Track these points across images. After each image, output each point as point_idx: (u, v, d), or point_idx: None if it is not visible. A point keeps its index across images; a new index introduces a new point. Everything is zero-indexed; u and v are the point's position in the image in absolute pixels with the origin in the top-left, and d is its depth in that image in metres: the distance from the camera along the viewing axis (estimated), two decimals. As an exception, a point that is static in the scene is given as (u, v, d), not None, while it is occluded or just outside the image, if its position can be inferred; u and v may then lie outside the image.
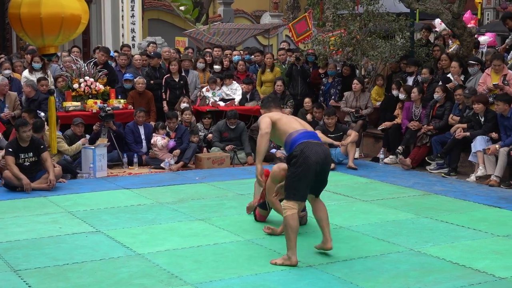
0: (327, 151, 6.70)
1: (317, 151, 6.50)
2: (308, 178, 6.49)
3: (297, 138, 6.58)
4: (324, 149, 6.63)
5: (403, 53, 14.13)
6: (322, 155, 6.54)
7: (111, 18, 23.77)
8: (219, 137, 12.81)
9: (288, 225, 6.45)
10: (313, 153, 6.46)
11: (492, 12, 30.96)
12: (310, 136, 6.64)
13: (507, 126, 10.61)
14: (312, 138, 6.62)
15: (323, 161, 6.54)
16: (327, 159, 6.65)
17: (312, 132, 6.79)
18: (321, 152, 6.55)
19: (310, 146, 6.50)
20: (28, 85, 11.91)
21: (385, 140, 12.80)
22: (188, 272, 6.33)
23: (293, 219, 6.44)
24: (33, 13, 6.08)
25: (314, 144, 6.55)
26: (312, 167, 6.45)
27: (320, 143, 6.67)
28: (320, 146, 6.61)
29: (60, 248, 7.13)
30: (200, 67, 14.82)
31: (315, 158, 6.45)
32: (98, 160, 11.18)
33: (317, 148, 6.53)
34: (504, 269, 6.40)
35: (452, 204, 9.23)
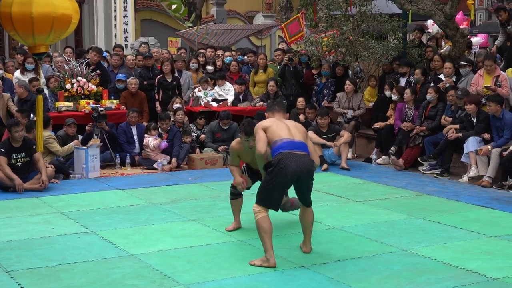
0: (307, 163, 6.56)
1: (295, 162, 6.46)
2: (281, 189, 6.59)
3: (278, 147, 6.59)
4: (304, 161, 6.53)
5: (396, 54, 14.16)
6: (301, 167, 6.47)
7: (104, 18, 23.74)
8: (212, 137, 12.81)
9: (261, 228, 6.48)
10: (290, 164, 6.45)
11: (485, 13, 31.04)
12: (293, 147, 6.57)
13: (499, 127, 10.64)
14: (295, 149, 6.55)
15: (299, 173, 6.48)
16: (306, 171, 6.55)
17: (298, 142, 6.65)
18: (301, 164, 6.48)
19: (288, 157, 6.48)
20: (21, 85, 11.88)
21: (378, 141, 12.82)
22: (180, 272, 6.33)
23: (265, 221, 6.48)
24: (24, 12, 6.07)
25: (294, 156, 6.50)
26: (287, 178, 6.48)
27: (303, 154, 6.56)
28: (301, 157, 6.52)
29: (52, 248, 7.11)
30: (193, 68, 14.81)
31: (291, 170, 6.44)
32: (90, 161, 11.16)
33: (296, 159, 6.48)
34: (496, 270, 6.41)
35: (444, 204, 9.25)
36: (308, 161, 6.62)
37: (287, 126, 6.81)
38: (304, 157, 6.56)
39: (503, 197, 9.67)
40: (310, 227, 6.93)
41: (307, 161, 6.59)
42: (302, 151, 6.61)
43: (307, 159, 6.62)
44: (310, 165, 6.64)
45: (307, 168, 6.57)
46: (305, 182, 6.70)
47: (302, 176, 6.56)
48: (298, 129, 6.87)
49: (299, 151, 6.58)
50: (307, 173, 6.60)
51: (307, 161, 6.60)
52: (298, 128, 6.89)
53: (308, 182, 6.73)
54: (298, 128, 6.89)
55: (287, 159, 6.46)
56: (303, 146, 6.68)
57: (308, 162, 6.62)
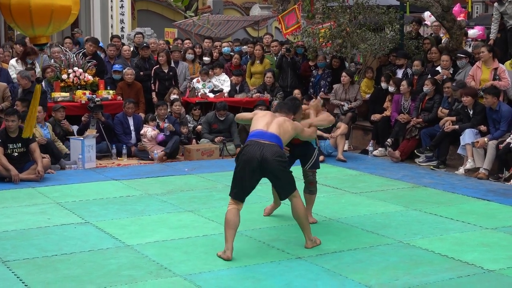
0: (270, 151, 6.43)
1: (257, 149, 6.44)
2: (240, 176, 6.55)
3: (249, 136, 6.67)
4: (267, 149, 6.43)
5: (393, 46, 14.14)
6: (262, 154, 6.41)
7: (100, 9, 23.69)
8: (208, 128, 12.80)
9: (225, 219, 6.51)
10: (250, 151, 6.47)
11: (482, 6, 30.98)
12: (261, 136, 6.57)
13: (496, 119, 10.65)
14: (262, 138, 6.54)
15: (260, 160, 6.41)
16: (268, 159, 6.41)
17: (268, 133, 6.59)
18: (263, 151, 6.42)
19: (251, 145, 6.53)
20: (24, 77, 11.77)
21: (374, 133, 12.83)
22: (177, 263, 6.33)
23: (229, 214, 6.49)
24: (22, 4, 6.03)
25: (257, 144, 6.49)
26: (244, 165, 6.50)
27: (268, 143, 6.48)
28: (265, 146, 6.46)
29: (48, 239, 7.11)
30: (190, 58, 14.77)
31: (249, 157, 6.45)
32: (86, 151, 11.14)
33: (259, 147, 6.46)
34: (492, 262, 6.43)
35: (440, 196, 9.26)
36: (273, 149, 6.47)
37: (270, 121, 6.76)
38: (268, 146, 6.48)
39: (499, 189, 9.68)
40: (300, 221, 6.79)
41: (271, 150, 6.46)
42: (269, 141, 6.53)
43: (272, 148, 6.48)
44: (274, 154, 6.46)
45: (270, 156, 6.43)
46: (271, 172, 6.53)
47: (265, 164, 6.43)
48: (280, 124, 6.74)
49: (266, 140, 6.54)
50: (269, 160, 6.42)
51: (271, 150, 6.46)
52: (281, 124, 6.74)
53: (276, 173, 6.54)
54: (281, 124, 6.74)
55: (249, 147, 6.52)
56: (272, 136, 6.57)
57: (272, 150, 6.46)
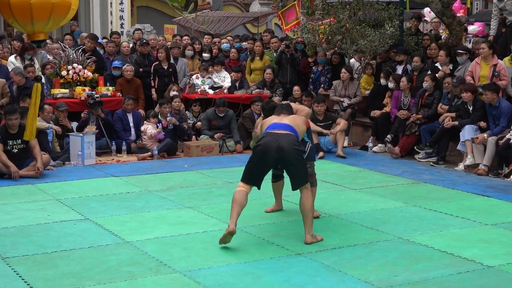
0: (288, 141, 6.64)
1: (275, 139, 6.64)
2: (260, 165, 6.75)
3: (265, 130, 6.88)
4: (285, 139, 6.64)
5: (393, 42, 14.12)
6: (280, 143, 6.61)
7: (100, 5, 23.68)
8: (208, 125, 12.79)
9: (233, 198, 6.73)
10: (269, 142, 6.67)
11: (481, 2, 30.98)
12: (276, 127, 6.80)
13: (495, 115, 10.64)
14: (277, 128, 6.76)
15: (278, 150, 6.61)
16: (286, 148, 6.62)
17: (282, 123, 6.84)
18: (280, 141, 6.63)
19: (269, 135, 6.73)
20: (17, 73, 11.76)
21: (374, 129, 12.82)
22: (177, 260, 6.33)
23: (238, 194, 6.73)
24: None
25: (274, 134, 6.71)
26: (266, 154, 6.67)
27: (285, 133, 6.69)
28: (282, 136, 6.67)
29: (48, 235, 7.10)
30: (189, 55, 14.77)
31: (268, 146, 6.65)
32: (86, 148, 11.14)
33: (276, 137, 6.66)
34: (492, 258, 6.43)
35: (440, 192, 9.26)
36: (290, 139, 6.68)
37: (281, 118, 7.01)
38: (286, 136, 6.69)
39: (499, 185, 9.68)
40: (305, 214, 6.85)
41: (287, 139, 6.66)
42: (286, 130, 6.75)
43: (289, 137, 6.69)
44: (292, 143, 6.67)
45: (287, 145, 6.62)
46: (288, 161, 6.70)
47: (283, 154, 6.63)
48: (293, 118, 7.02)
49: (282, 130, 6.74)
50: (288, 150, 6.63)
51: (288, 139, 6.67)
52: (293, 118, 7.03)
53: (292, 161, 6.70)
54: (293, 118, 7.03)
55: (267, 137, 6.73)
56: (287, 126, 6.81)
57: (290, 140, 6.67)
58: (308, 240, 6.82)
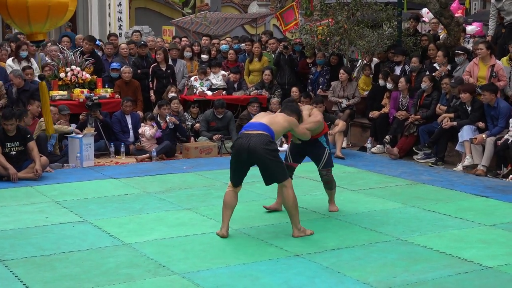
0: (257, 140, 6.79)
1: (245, 140, 6.84)
2: (233, 165, 7.03)
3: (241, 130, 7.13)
4: (254, 139, 6.79)
5: (391, 43, 14.12)
6: (249, 143, 6.79)
7: (98, 6, 23.67)
8: (207, 126, 12.79)
9: (223, 200, 7.08)
10: (239, 142, 6.92)
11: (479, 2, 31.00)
12: (249, 127, 7.00)
13: (494, 115, 10.64)
14: (250, 129, 6.96)
15: (248, 149, 6.79)
16: (254, 148, 6.78)
17: (255, 123, 7.04)
18: (250, 141, 6.80)
19: (241, 136, 6.97)
20: (17, 75, 11.74)
21: (373, 130, 12.82)
22: (175, 261, 6.33)
23: (227, 195, 7.06)
24: (19, 0, 6.03)
25: (244, 136, 6.92)
26: (234, 155, 6.98)
27: (256, 133, 6.85)
28: (252, 136, 6.84)
29: (47, 238, 7.10)
30: (188, 56, 14.77)
31: (238, 147, 6.91)
32: (85, 150, 11.13)
33: (243, 139, 6.87)
34: (490, 258, 6.43)
35: (439, 193, 9.26)
36: (260, 138, 6.83)
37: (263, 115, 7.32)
38: (255, 136, 6.85)
39: (498, 186, 9.68)
40: (288, 210, 7.06)
41: (257, 139, 6.82)
42: (257, 130, 6.91)
43: (260, 137, 6.84)
44: (262, 143, 6.81)
45: (257, 145, 6.78)
46: (258, 159, 6.87)
47: (252, 153, 6.80)
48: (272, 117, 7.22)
49: (254, 130, 6.92)
50: (258, 150, 6.79)
51: (258, 139, 6.82)
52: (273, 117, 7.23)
53: (263, 160, 6.86)
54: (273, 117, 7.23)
55: (239, 139, 6.98)
56: (260, 125, 6.97)
57: (261, 140, 6.82)
58: (295, 234, 7.03)
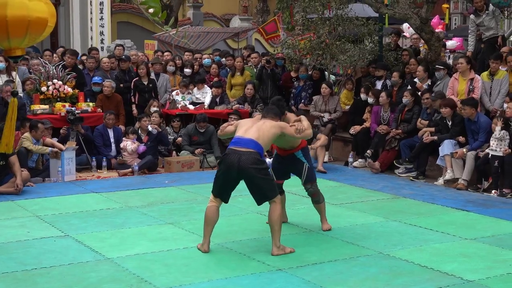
0: (246, 160, 6.77)
1: (234, 158, 6.81)
2: (220, 180, 6.99)
3: (230, 143, 7.06)
4: (243, 158, 6.77)
5: (372, 57, 14.21)
6: (239, 163, 6.77)
7: (80, 20, 23.64)
8: (189, 140, 12.79)
9: (205, 215, 7.05)
10: (228, 160, 6.88)
11: (460, 17, 31.28)
12: (238, 143, 6.94)
13: (474, 130, 10.71)
14: (239, 145, 6.90)
15: (238, 168, 6.78)
16: (244, 167, 6.77)
17: (245, 139, 6.95)
18: (240, 160, 6.77)
19: (230, 153, 6.91)
20: None
21: (354, 144, 12.87)
22: (157, 276, 6.31)
23: (208, 210, 7.02)
24: (-1, 15, 6.00)
25: (235, 152, 6.86)
26: (224, 171, 6.95)
27: (245, 151, 6.81)
28: (242, 154, 6.80)
29: (28, 252, 7.06)
30: (171, 70, 14.78)
31: (228, 165, 6.88)
32: (66, 164, 11.08)
33: (233, 156, 6.83)
34: (471, 272, 6.46)
35: (420, 207, 9.30)
36: (250, 157, 6.81)
37: (250, 126, 7.14)
38: (245, 154, 6.82)
39: (478, 200, 9.74)
40: (271, 226, 6.97)
41: (247, 158, 6.80)
42: (246, 147, 6.87)
43: (249, 155, 6.82)
44: (252, 162, 6.80)
45: (245, 164, 6.78)
46: (248, 179, 6.89)
47: (242, 172, 6.82)
48: (259, 127, 7.08)
49: (243, 147, 6.88)
50: (246, 169, 6.80)
51: (248, 158, 6.80)
52: (260, 127, 7.09)
53: (252, 179, 6.87)
54: (260, 127, 7.09)
55: (228, 155, 6.92)
56: (249, 142, 6.91)
57: (249, 158, 6.80)
58: (274, 252, 6.93)
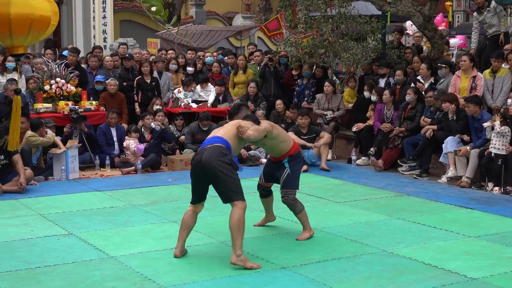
0: (209, 154, 6.54)
1: (196, 158, 6.74)
2: (195, 182, 6.85)
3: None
4: (207, 152, 6.57)
5: (375, 55, 14.20)
6: (202, 158, 6.60)
7: (83, 19, 23.65)
8: (192, 138, 12.79)
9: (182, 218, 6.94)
10: (193, 160, 6.81)
11: (463, 15, 31.25)
12: (204, 143, 6.87)
13: (478, 127, 10.70)
14: (204, 145, 6.82)
15: (202, 164, 6.58)
16: (202, 162, 6.56)
17: (211, 137, 6.89)
18: (198, 158, 6.67)
19: (197, 153, 6.85)
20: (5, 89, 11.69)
21: (357, 142, 12.87)
22: (161, 274, 6.31)
23: (185, 215, 6.92)
24: (2, 13, 6.00)
25: (201, 150, 6.75)
26: (191, 171, 6.83)
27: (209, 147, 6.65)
28: (206, 149, 6.65)
29: (32, 251, 7.07)
30: (173, 69, 14.79)
31: (191, 165, 6.83)
32: (70, 162, 11.10)
33: (198, 155, 6.73)
34: (475, 270, 6.46)
35: (423, 205, 9.30)
36: (212, 151, 6.60)
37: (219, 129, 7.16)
38: (209, 149, 6.65)
39: (482, 198, 9.73)
40: (231, 232, 6.53)
41: (210, 151, 6.60)
42: (210, 144, 6.75)
43: (212, 149, 6.62)
44: (214, 155, 6.55)
45: (207, 158, 6.54)
46: (211, 173, 6.56)
47: (205, 167, 6.56)
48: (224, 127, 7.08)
49: (208, 145, 6.76)
50: (208, 162, 6.52)
51: (211, 151, 6.60)
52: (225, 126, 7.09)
53: (214, 173, 6.54)
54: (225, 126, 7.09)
55: (194, 155, 6.86)
56: (214, 139, 6.83)
57: (212, 151, 6.59)
58: (232, 260, 6.49)
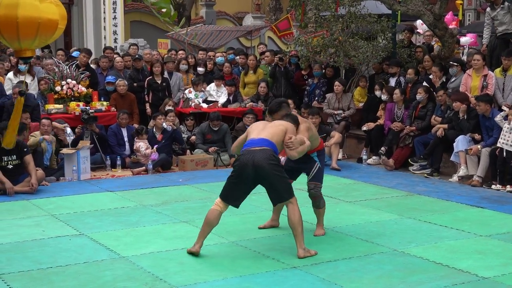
0: (261, 156, 6.59)
1: (249, 156, 6.64)
2: (235, 182, 6.78)
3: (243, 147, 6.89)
4: (258, 155, 6.60)
5: (385, 54, 14.18)
6: (254, 159, 6.58)
7: (93, 20, 23.66)
8: (202, 139, 12.81)
9: (205, 217, 6.89)
10: (242, 160, 6.70)
11: (473, 13, 31.10)
12: (251, 144, 6.79)
13: (489, 126, 10.67)
14: (251, 146, 6.75)
15: (253, 166, 6.59)
16: (255, 163, 6.59)
17: (257, 139, 6.80)
18: (254, 157, 6.60)
19: (245, 153, 6.75)
20: None
21: (368, 141, 12.85)
22: (172, 274, 6.33)
23: (211, 213, 6.86)
24: (9, 16, 6.01)
25: (248, 152, 6.71)
26: (239, 172, 6.72)
27: (259, 149, 6.65)
28: (256, 152, 6.64)
29: (43, 251, 7.10)
30: (183, 69, 14.81)
31: (239, 166, 6.71)
32: (81, 163, 11.13)
33: (248, 155, 6.67)
34: (486, 269, 6.45)
35: (435, 204, 9.28)
36: (264, 153, 6.64)
37: (262, 128, 7.01)
38: (259, 151, 6.66)
39: (493, 196, 9.71)
40: (294, 229, 6.80)
41: (262, 154, 6.63)
42: (259, 146, 6.72)
43: (263, 152, 6.65)
44: (266, 158, 6.62)
45: (260, 160, 6.59)
46: (265, 176, 6.65)
47: (257, 169, 6.59)
48: (271, 126, 6.97)
49: (257, 146, 6.72)
50: (261, 165, 6.58)
51: (263, 154, 6.63)
52: (272, 126, 6.98)
53: (268, 176, 6.65)
54: (272, 126, 6.98)
55: (243, 156, 6.74)
56: (262, 141, 6.77)
57: (264, 154, 6.63)
58: (300, 255, 6.79)
